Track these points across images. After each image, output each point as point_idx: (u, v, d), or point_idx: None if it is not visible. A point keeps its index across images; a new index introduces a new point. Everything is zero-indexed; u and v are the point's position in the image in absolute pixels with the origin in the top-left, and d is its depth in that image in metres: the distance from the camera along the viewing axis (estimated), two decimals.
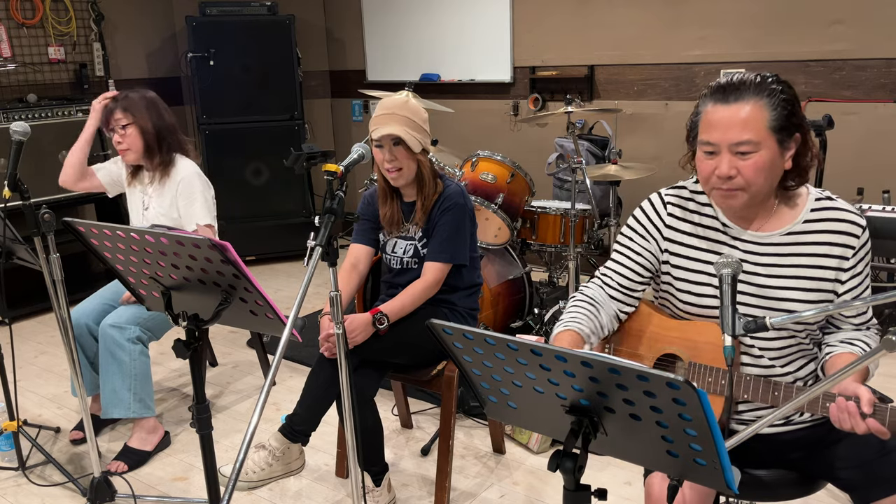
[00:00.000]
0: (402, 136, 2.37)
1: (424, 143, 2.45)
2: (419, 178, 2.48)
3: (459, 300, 2.59)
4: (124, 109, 2.90)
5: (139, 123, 2.91)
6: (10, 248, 2.66)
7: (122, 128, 2.90)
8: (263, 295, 1.63)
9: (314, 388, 2.47)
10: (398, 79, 5.69)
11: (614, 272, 1.84)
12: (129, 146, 2.92)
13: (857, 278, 1.66)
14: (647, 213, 1.81)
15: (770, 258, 1.67)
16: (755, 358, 1.70)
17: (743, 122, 1.55)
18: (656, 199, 1.82)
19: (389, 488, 2.57)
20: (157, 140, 2.94)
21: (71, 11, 5.06)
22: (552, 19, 4.94)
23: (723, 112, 1.58)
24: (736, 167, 1.58)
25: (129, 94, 2.94)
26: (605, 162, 4.29)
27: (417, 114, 2.44)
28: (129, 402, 2.81)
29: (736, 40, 4.32)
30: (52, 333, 4.32)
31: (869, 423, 1.44)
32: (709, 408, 1.01)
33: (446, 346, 1.26)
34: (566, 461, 1.19)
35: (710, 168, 1.61)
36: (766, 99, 1.56)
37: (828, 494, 2.52)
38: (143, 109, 2.92)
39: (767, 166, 1.58)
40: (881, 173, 3.97)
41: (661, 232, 1.78)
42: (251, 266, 5.52)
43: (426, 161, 2.48)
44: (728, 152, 1.58)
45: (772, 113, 1.56)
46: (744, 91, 1.57)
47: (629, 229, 1.84)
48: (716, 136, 1.58)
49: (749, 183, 1.58)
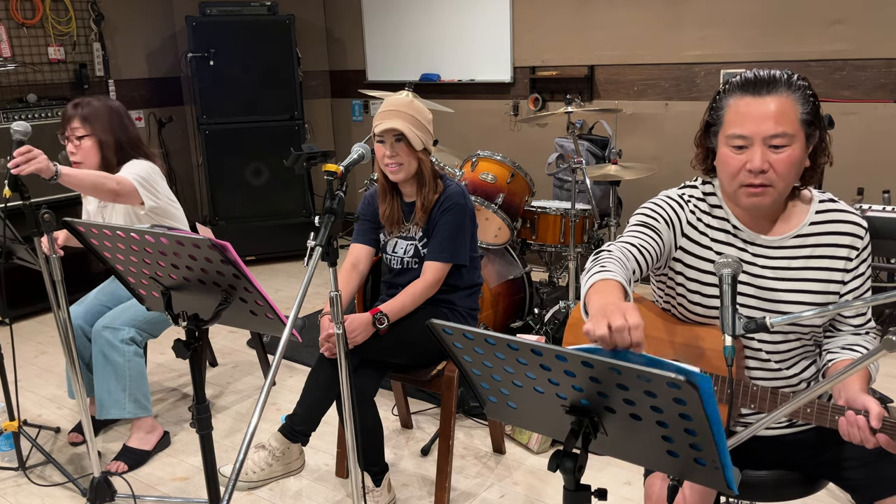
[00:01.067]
0: (404, 131, 2.38)
1: (426, 142, 2.46)
2: (419, 177, 2.48)
3: (459, 300, 2.59)
4: (83, 119, 2.71)
5: (98, 136, 2.73)
6: (10, 248, 2.66)
7: (77, 138, 2.73)
8: (263, 295, 1.63)
9: (314, 389, 2.47)
10: (398, 79, 5.69)
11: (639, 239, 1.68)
12: (82, 159, 2.74)
13: (859, 279, 1.66)
14: (670, 205, 1.74)
15: (780, 261, 1.66)
16: (762, 362, 1.69)
17: (777, 114, 1.52)
18: (674, 195, 1.76)
19: (389, 488, 2.57)
20: (117, 153, 2.76)
21: (71, 11, 5.06)
22: (552, 19, 4.94)
23: (755, 104, 1.54)
24: (769, 160, 1.54)
25: (91, 102, 2.76)
26: (605, 162, 4.29)
27: (422, 113, 2.46)
28: (125, 402, 2.80)
29: (736, 40, 4.32)
30: (52, 333, 4.32)
31: (879, 437, 1.44)
32: (710, 407, 1.00)
33: (446, 346, 1.26)
34: (566, 461, 1.18)
35: (740, 163, 1.57)
36: (797, 93, 1.54)
37: (828, 494, 2.52)
38: (104, 120, 2.74)
39: (799, 161, 1.55)
40: (881, 173, 3.97)
41: (682, 227, 1.73)
42: (251, 266, 5.52)
43: (427, 160, 2.48)
44: (761, 145, 1.54)
45: (803, 107, 1.54)
46: (775, 84, 1.54)
47: (652, 210, 1.74)
48: (749, 128, 1.54)
49: (780, 177, 1.55)
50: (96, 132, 2.74)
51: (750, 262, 1.68)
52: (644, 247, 1.66)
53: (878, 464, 1.60)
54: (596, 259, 1.60)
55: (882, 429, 1.44)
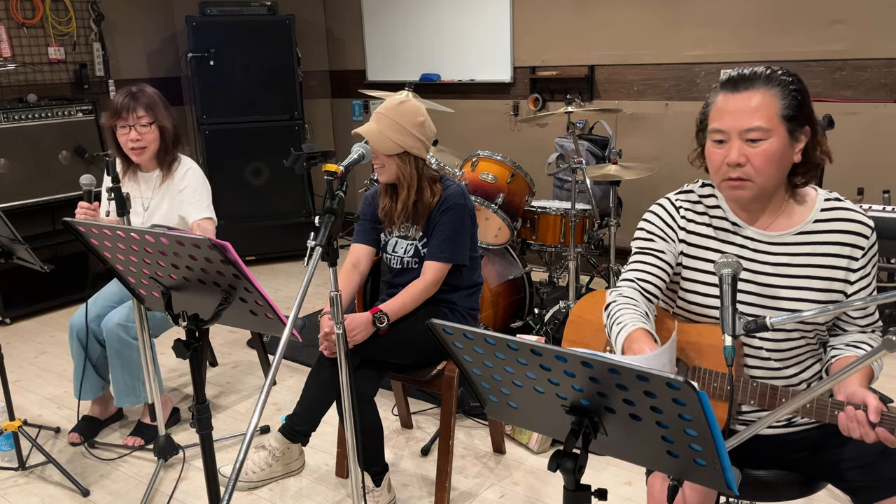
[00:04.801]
0: (368, 137, 2.37)
1: (406, 145, 2.42)
2: (407, 180, 2.46)
3: (460, 300, 2.59)
4: (147, 107, 2.83)
5: (160, 122, 2.87)
6: (10, 248, 2.66)
7: (142, 126, 2.83)
8: (263, 295, 1.63)
9: (314, 389, 2.47)
10: (398, 79, 5.69)
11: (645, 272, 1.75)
12: (147, 144, 2.85)
13: (866, 279, 1.65)
14: (661, 216, 1.78)
15: (781, 258, 1.66)
16: (763, 360, 1.69)
17: (753, 109, 1.55)
18: (666, 204, 1.79)
19: (389, 488, 2.57)
20: (173, 139, 2.92)
21: (71, 11, 5.06)
22: (552, 19, 4.94)
23: (733, 100, 1.58)
24: (745, 154, 1.57)
25: (144, 89, 2.88)
26: (605, 162, 4.29)
27: (406, 117, 2.42)
28: (139, 390, 2.94)
29: (736, 40, 4.32)
30: (52, 333, 4.32)
31: (878, 432, 1.44)
32: (709, 408, 1.01)
33: (447, 345, 1.26)
34: (566, 461, 1.18)
35: (720, 157, 1.61)
36: (776, 88, 1.56)
37: (828, 495, 2.52)
38: (162, 108, 2.88)
39: (777, 156, 1.57)
40: (881, 173, 3.97)
41: (678, 233, 1.76)
42: (251, 266, 5.52)
43: (407, 165, 2.45)
44: (738, 139, 1.57)
45: (782, 101, 1.56)
46: (754, 80, 1.57)
47: (646, 232, 1.79)
48: (726, 122, 1.58)
49: (758, 171, 1.57)
50: (158, 119, 2.87)
51: (751, 258, 1.68)
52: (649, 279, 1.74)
53: (876, 465, 1.60)
54: (609, 314, 1.70)
55: (881, 423, 1.44)
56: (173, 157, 2.95)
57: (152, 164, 2.95)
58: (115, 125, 2.85)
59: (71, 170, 4.64)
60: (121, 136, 2.85)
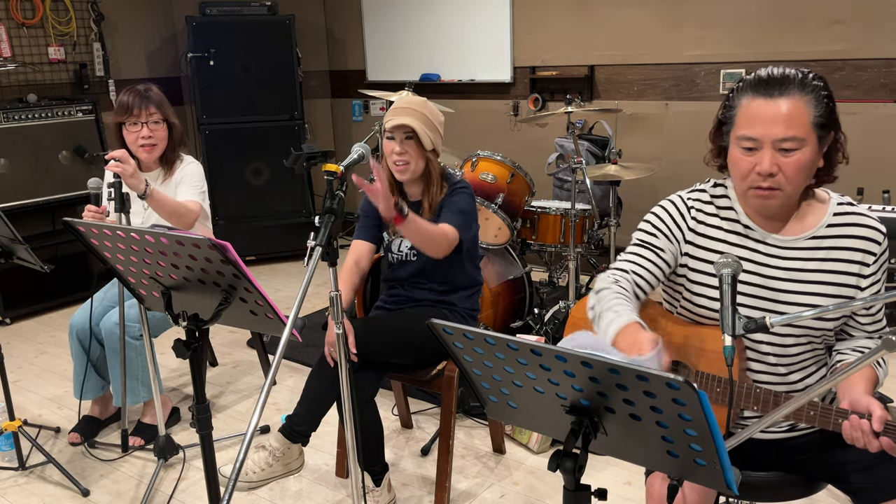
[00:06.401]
0: (416, 129, 2.38)
1: (436, 143, 2.47)
2: (426, 177, 2.48)
3: (459, 301, 2.59)
4: (158, 105, 2.88)
5: (170, 120, 2.92)
6: (10, 248, 2.66)
7: (154, 123, 2.88)
8: (263, 295, 1.63)
9: (314, 389, 2.47)
10: (398, 79, 5.69)
11: (640, 265, 1.73)
12: (157, 141, 2.90)
13: (877, 285, 1.63)
14: (671, 214, 1.74)
15: (793, 262, 1.63)
16: (771, 366, 1.67)
17: (787, 118, 1.50)
18: (678, 202, 1.75)
19: (389, 488, 2.57)
20: (181, 138, 2.98)
21: (71, 11, 5.06)
22: (552, 19, 4.94)
23: (766, 106, 1.52)
24: (778, 164, 1.52)
25: (151, 88, 2.93)
26: (605, 162, 4.29)
27: (434, 114, 2.47)
28: (139, 389, 2.94)
29: (736, 40, 4.32)
30: (52, 333, 4.32)
31: (882, 441, 1.43)
32: (709, 408, 1.01)
33: (447, 345, 1.26)
34: (566, 461, 1.19)
35: (750, 165, 1.55)
36: (810, 95, 1.51)
37: (828, 495, 2.52)
38: (169, 105, 2.94)
39: (809, 164, 1.53)
40: (881, 173, 3.97)
41: (685, 235, 1.72)
42: (251, 266, 5.52)
43: (436, 161, 2.49)
44: (770, 148, 1.52)
45: (815, 109, 1.51)
46: (788, 85, 1.51)
47: (651, 226, 1.75)
48: (759, 130, 1.52)
49: (789, 180, 1.53)
50: (168, 116, 2.93)
51: (762, 262, 1.65)
52: (642, 274, 1.73)
53: (878, 468, 1.59)
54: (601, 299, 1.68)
55: (884, 432, 1.43)
56: (177, 155, 2.99)
57: (155, 162, 2.97)
58: (123, 123, 2.87)
59: (71, 170, 4.64)
60: (130, 133, 2.87)
